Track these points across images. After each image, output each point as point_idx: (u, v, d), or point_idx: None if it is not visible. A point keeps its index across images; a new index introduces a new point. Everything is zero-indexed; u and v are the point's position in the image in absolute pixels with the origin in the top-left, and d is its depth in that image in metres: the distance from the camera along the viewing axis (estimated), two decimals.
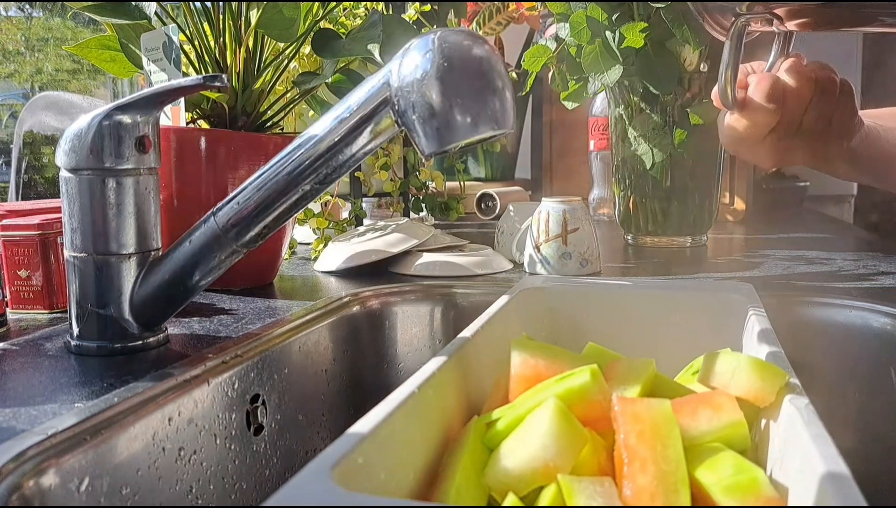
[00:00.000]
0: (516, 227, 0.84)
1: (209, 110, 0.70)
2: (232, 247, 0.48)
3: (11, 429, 0.36)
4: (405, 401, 0.32)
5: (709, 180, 0.94)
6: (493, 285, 0.71)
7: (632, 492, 0.29)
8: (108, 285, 0.48)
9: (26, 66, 3.43)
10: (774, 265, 0.79)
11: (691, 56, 0.87)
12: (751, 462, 0.31)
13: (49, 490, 0.33)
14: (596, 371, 0.34)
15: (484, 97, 0.41)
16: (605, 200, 1.30)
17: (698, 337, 0.52)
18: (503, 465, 0.31)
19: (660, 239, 0.96)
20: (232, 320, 0.58)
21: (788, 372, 0.36)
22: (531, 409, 0.33)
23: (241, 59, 0.69)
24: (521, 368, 0.38)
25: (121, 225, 0.48)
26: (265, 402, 0.52)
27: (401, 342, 0.69)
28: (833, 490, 0.25)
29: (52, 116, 1.33)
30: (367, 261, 0.77)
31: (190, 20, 0.68)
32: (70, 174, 0.48)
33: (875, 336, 0.58)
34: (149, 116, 0.48)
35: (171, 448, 0.42)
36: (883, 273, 0.73)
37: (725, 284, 0.57)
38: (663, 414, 0.31)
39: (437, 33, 0.42)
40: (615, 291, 0.56)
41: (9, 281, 0.60)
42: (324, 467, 0.26)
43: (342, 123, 0.45)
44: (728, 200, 1.31)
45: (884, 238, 1.07)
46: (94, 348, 0.49)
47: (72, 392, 0.41)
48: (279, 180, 0.46)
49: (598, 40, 0.84)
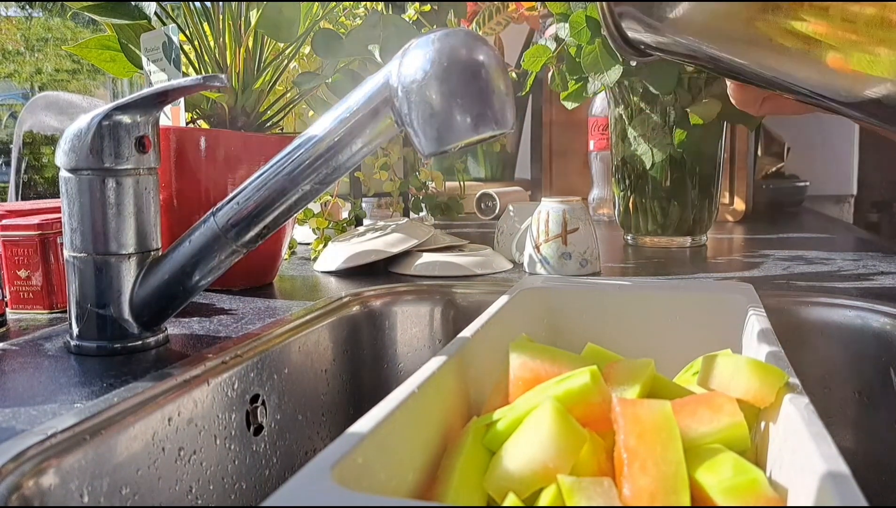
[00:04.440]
0: (516, 227, 0.84)
1: (209, 110, 0.70)
2: (232, 247, 0.48)
3: (11, 429, 0.36)
4: (405, 401, 0.32)
5: (709, 180, 0.94)
6: (493, 285, 0.71)
7: (632, 493, 0.29)
8: (107, 285, 0.48)
9: (26, 66, 3.43)
10: (774, 265, 0.79)
11: None
12: (751, 462, 0.31)
13: (49, 490, 0.33)
14: (595, 373, 0.34)
15: (484, 97, 0.41)
16: (605, 200, 1.30)
17: (698, 338, 0.52)
18: (503, 468, 0.31)
19: (660, 239, 0.96)
20: (232, 320, 0.58)
21: (788, 372, 0.36)
22: (530, 410, 0.33)
23: (241, 59, 0.69)
24: (520, 370, 0.38)
25: (120, 225, 0.48)
26: (265, 402, 0.52)
27: (401, 342, 0.69)
28: (833, 489, 0.25)
29: (52, 116, 1.33)
30: (367, 261, 0.77)
31: (190, 20, 0.68)
32: (70, 174, 0.48)
33: (875, 336, 0.58)
34: (149, 116, 0.48)
35: (171, 448, 0.42)
36: (883, 273, 0.73)
37: (725, 284, 0.57)
38: (663, 415, 0.31)
39: (436, 33, 0.42)
40: (615, 291, 0.56)
41: (9, 281, 0.60)
42: (324, 467, 0.26)
43: (342, 123, 0.45)
44: (728, 200, 1.32)
45: (884, 238, 1.07)
46: (93, 348, 0.49)
47: (72, 392, 0.41)
48: (279, 180, 0.46)
49: (597, 40, 0.84)
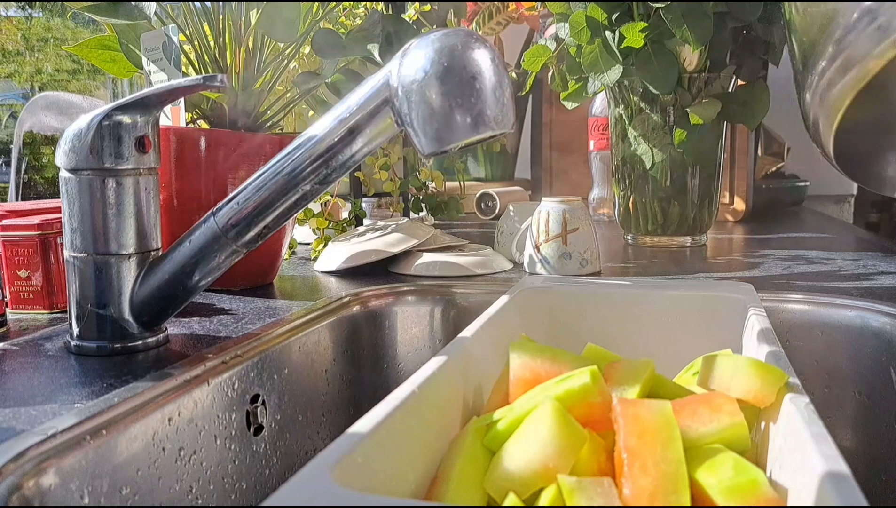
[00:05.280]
0: (516, 227, 0.84)
1: (209, 110, 0.70)
2: (232, 247, 0.48)
3: (11, 429, 0.36)
4: (405, 401, 0.32)
5: (709, 180, 0.94)
6: (493, 285, 0.71)
7: (632, 493, 0.29)
8: (107, 285, 0.48)
9: (26, 66, 3.43)
10: (774, 265, 0.79)
11: (691, 56, 0.87)
12: (751, 462, 0.31)
13: (49, 491, 0.33)
14: (596, 373, 0.34)
15: (483, 97, 0.41)
16: (605, 200, 1.30)
17: (698, 337, 0.52)
18: (503, 468, 0.31)
19: (660, 239, 0.96)
20: (232, 320, 0.58)
21: (788, 372, 0.36)
22: (530, 410, 0.33)
23: (241, 59, 0.69)
24: (520, 370, 0.38)
25: (121, 225, 0.48)
26: (265, 402, 0.52)
27: (401, 342, 0.69)
28: (833, 489, 0.25)
29: (52, 116, 1.33)
30: (367, 261, 0.77)
31: (190, 20, 0.68)
32: (70, 174, 0.48)
33: (875, 336, 0.58)
34: (149, 116, 0.48)
35: (171, 448, 0.42)
36: (883, 273, 0.73)
37: (725, 284, 0.57)
38: (664, 415, 0.31)
39: (436, 33, 0.42)
40: (615, 291, 0.56)
41: (9, 281, 0.60)
42: (324, 466, 0.26)
43: (342, 123, 0.45)
44: (728, 200, 1.31)
45: (884, 238, 1.07)
46: (93, 348, 0.49)
47: (72, 392, 0.41)
48: (279, 180, 0.46)
49: (597, 40, 0.84)
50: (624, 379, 0.38)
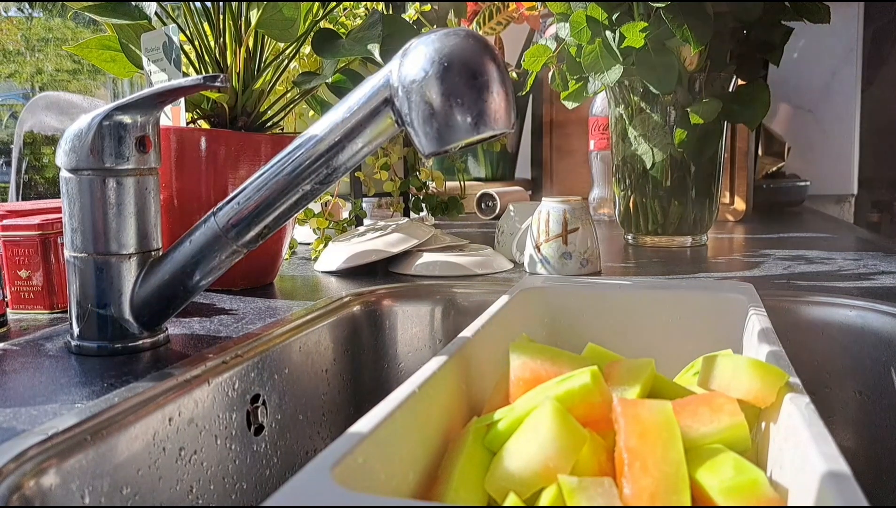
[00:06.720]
0: (516, 227, 0.84)
1: (209, 110, 0.70)
2: (232, 247, 0.48)
3: (12, 429, 0.36)
4: (405, 401, 0.32)
5: (709, 180, 0.94)
6: (493, 285, 0.71)
7: (632, 493, 0.29)
8: (108, 285, 0.48)
9: (26, 66, 3.43)
10: (774, 265, 0.79)
11: (691, 56, 0.87)
12: (751, 462, 0.31)
13: (49, 491, 0.33)
14: (596, 373, 0.34)
15: (484, 97, 0.41)
16: (605, 200, 1.30)
17: (698, 337, 0.52)
18: (503, 468, 0.31)
19: (660, 239, 0.96)
20: (232, 320, 0.58)
21: (789, 372, 0.36)
22: (530, 410, 0.33)
23: (241, 59, 0.69)
24: (520, 371, 0.38)
25: (121, 225, 0.48)
26: (265, 402, 0.52)
27: (401, 342, 0.69)
28: (833, 489, 0.24)
29: (53, 116, 1.33)
30: (367, 261, 0.77)
31: (190, 20, 0.68)
32: (70, 174, 0.48)
33: (875, 336, 0.58)
34: (149, 116, 0.48)
35: (172, 448, 0.42)
36: (883, 273, 0.73)
37: (725, 284, 0.57)
38: (664, 416, 0.31)
39: (437, 33, 0.42)
40: (615, 291, 0.56)
41: (9, 281, 0.60)
42: (324, 466, 0.26)
43: (342, 123, 0.45)
44: (728, 200, 1.31)
45: (884, 238, 1.07)
46: (94, 348, 0.49)
47: (72, 392, 0.41)
48: (279, 180, 0.46)
49: (598, 40, 0.84)
50: (624, 379, 0.38)
